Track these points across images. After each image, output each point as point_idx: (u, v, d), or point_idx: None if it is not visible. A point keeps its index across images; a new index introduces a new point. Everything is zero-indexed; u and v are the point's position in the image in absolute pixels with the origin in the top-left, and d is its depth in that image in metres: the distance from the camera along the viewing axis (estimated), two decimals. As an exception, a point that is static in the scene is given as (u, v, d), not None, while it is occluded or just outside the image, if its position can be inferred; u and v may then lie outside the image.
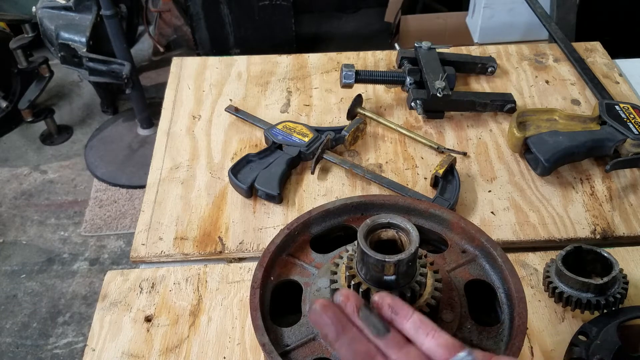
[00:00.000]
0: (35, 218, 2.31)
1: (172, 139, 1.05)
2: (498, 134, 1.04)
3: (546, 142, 0.93)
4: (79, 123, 2.76)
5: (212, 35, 2.67)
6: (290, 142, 0.98)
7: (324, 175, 0.97)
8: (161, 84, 2.75)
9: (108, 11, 2.11)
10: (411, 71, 1.07)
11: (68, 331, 1.94)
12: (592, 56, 1.23)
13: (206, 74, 1.20)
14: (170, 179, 0.98)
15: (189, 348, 0.74)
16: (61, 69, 2.47)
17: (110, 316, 0.78)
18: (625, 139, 0.93)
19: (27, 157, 2.59)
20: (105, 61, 2.18)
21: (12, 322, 1.97)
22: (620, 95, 1.12)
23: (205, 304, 0.79)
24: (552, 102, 1.11)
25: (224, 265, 0.84)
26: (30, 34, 2.39)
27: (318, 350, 0.55)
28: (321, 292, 0.60)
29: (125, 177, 2.43)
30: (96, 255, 2.18)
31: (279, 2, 2.61)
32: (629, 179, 0.96)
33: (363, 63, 1.22)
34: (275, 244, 0.63)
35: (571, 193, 0.94)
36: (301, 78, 1.18)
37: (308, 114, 1.10)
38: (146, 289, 0.81)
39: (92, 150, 2.58)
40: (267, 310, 0.60)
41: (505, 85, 1.15)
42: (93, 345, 0.75)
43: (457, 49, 1.23)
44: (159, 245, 0.87)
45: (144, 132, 2.60)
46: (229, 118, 1.09)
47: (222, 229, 0.89)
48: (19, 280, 2.09)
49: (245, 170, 0.94)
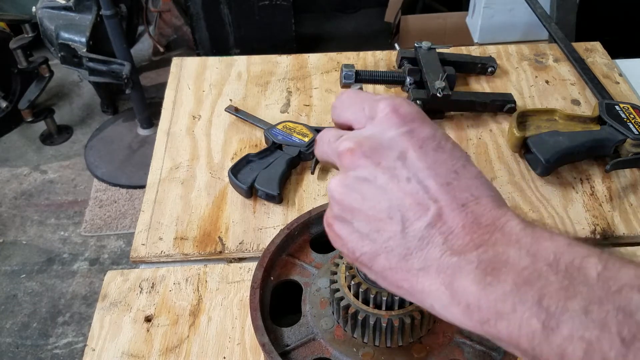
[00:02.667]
0: (35, 218, 2.32)
1: (172, 139, 1.05)
2: (498, 134, 1.04)
3: (546, 142, 0.93)
4: (79, 123, 2.76)
5: (212, 35, 2.68)
6: (290, 142, 0.98)
7: (324, 175, 0.97)
8: (161, 84, 2.75)
9: (108, 11, 2.12)
10: (411, 71, 1.07)
11: (68, 331, 1.94)
12: (592, 56, 1.23)
13: (206, 74, 1.20)
14: (170, 179, 0.98)
15: (189, 348, 0.74)
16: (61, 69, 2.47)
17: (110, 316, 0.78)
18: (625, 139, 0.93)
19: (27, 157, 2.59)
20: (105, 61, 2.19)
21: (12, 322, 1.97)
22: (620, 96, 1.12)
23: (205, 304, 0.79)
24: (552, 102, 1.11)
25: (224, 265, 0.84)
26: (30, 34, 2.39)
27: (318, 350, 0.56)
28: (321, 292, 0.60)
29: (125, 177, 2.43)
30: (96, 255, 2.18)
31: (279, 2, 2.61)
32: (629, 179, 0.96)
33: (363, 63, 1.22)
34: (275, 244, 0.63)
35: (571, 193, 0.94)
36: (301, 78, 1.18)
37: (308, 114, 1.10)
38: (146, 289, 0.81)
39: (92, 150, 2.58)
40: (267, 311, 0.60)
41: (505, 85, 1.15)
42: (93, 345, 0.75)
43: (457, 49, 1.23)
44: (159, 245, 0.87)
45: (144, 132, 2.60)
46: (229, 118, 1.09)
47: (222, 229, 0.89)
48: (19, 280, 2.09)
49: (245, 170, 0.94)
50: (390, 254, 0.39)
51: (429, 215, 0.38)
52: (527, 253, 0.35)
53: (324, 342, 0.56)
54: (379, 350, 0.54)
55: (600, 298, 0.31)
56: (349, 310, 0.53)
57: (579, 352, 0.31)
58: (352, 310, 0.52)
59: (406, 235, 0.38)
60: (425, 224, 0.38)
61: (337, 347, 0.55)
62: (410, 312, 0.52)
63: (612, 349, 0.30)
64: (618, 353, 0.30)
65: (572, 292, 0.32)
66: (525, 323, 0.33)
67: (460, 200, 0.38)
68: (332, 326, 0.57)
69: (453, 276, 0.36)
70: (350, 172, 0.40)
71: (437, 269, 0.37)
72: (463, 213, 0.38)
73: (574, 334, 0.31)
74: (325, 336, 0.56)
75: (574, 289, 0.32)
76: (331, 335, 0.56)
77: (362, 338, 0.54)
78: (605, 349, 0.30)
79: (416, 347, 0.55)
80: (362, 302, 0.52)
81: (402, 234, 0.38)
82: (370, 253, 0.40)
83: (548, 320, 0.32)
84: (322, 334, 0.56)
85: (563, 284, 0.33)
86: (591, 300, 0.31)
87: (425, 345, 0.55)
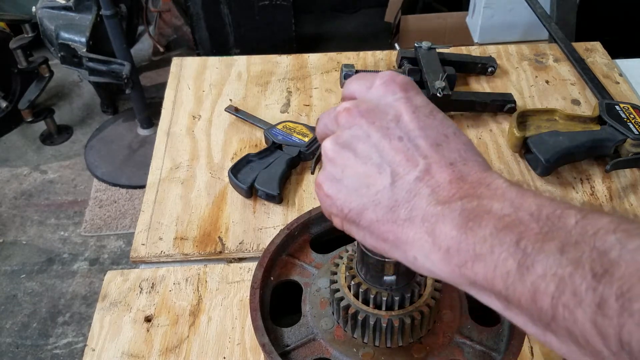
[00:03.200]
0: (35, 218, 2.31)
1: (172, 139, 1.05)
2: (498, 134, 1.04)
3: (546, 142, 0.93)
4: (79, 123, 2.76)
5: (212, 35, 2.67)
6: (290, 142, 0.98)
7: (324, 175, 0.97)
8: (161, 84, 2.75)
9: (108, 11, 2.12)
10: (411, 71, 1.07)
11: (68, 331, 1.94)
12: (592, 56, 1.23)
13: (206, 74, 1.20)
14: (170, 179, 0.98)
15: (189, 348, 0.74)
16: (61, 69, 2.47)
17: (110, 316, 0.78)
18: (626, 139, 0.93)
19: (27, 157, 2.59)
20: (105, 61, 2.19)
21: (12, 322, 1.97)
22: (620, 95, 1.12)
23: (205, 304, 0.79)
24: (552, 102, 1.11)
25: (224, 265, 0.84)
26: (30, 34, 2.39)
27: (318, 351, 0.55)
28: (321, 292, 0.60)
29: (125, 177, 2.43)
30: (96, 255, 2.18)
31: (279, 2, 2.61)
32: (629, 179, 0.96)
33: (363, 63, 1.22)
34: (275, 244, 0.63)
35: (571, 193, 0.94)
36: (301, 78, 1.18)
37: (308, 114, 1.10)
38: (146, 289, 0.81)
39: (92, 150, 2.58)
40: (267, 311, 0.60)
41: (505, 85, 1.15)
42: (93, 346, 0.75)
43: (457, 49, 1.23)
44: (159, 245, 0.87)
45: (144, 132, 2.60)
46: (229, 118, 1.09)
47: (222, 229, 0.89)
48: (19, 280, 2.09)
49: (245, 170, 0.94)
50: (377, 206, 0.40)
51: (418, 170, 0.39)
52: (510, 204, 0.36)
53: (324, 342, 0.56)
54: (379, 351, 0.54)
55: (577, 241, 0.32)
56: (349, 310, 0.53)
57: (551, 287, 0.31)
58: (352, 311, 0.52)
59: (394, 188, 0.39)
60: (413, 178, 0.39)
61: (337, 348, 0.55)
62: (410, 313, 0.52)
63: (583, 282, 0.30)
64: (589, 286, 0.30)
65: (550, 236, 0.33)
66: (501, 264, 0.34)
67: (449, 159, 0.40)
68: (332, 326, 0.56)
69: (436, 223, 0.37)
70: (345, 131, 0.43)
71: (422, 218, 0.38)
72: (450, 169, 0.39)
73: (547, 272, 0.32)
74: (325, 336, 0.56)
75: (552, 234, 0.33)
76: (331, 336, 0.56)
77: (362, 338, 0.54)
78: (576, 283, 0.31)
79: (416, 347, 0.55)
80: (362, 303, 0.52)
81: (391, 186, 0.40)
82: (358, 208, 0.41)
83: (524, 259, 0.33)
84: (322, 334, 0.56)
85: (543, 230, 0.33)
86: (568, 242, 0.32)
87: (425, 346, 0.55)
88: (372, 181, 0.40)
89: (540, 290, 0.32)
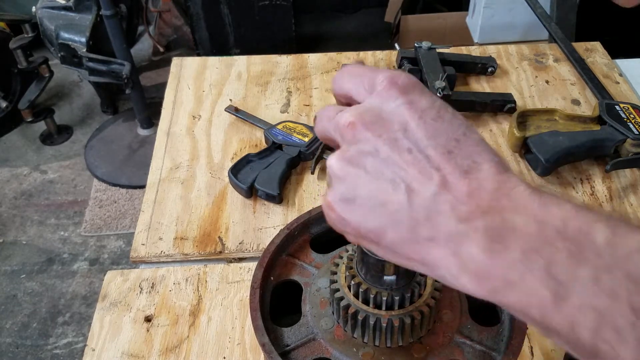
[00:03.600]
0: (35, 218, 2.32)
1: (172, 139, 1.05)
2: (498, 134, 1.04)
3: (546, 142, 0.93)
4: (79, 123, 2.76)
5: (212, 35, 2.67)
6: (290, 142, 0.98)
7: (324, 175, 0.97)
8: (161, 84, 2.75)
9: (108, 11, 2.12)
10: (411, 71, 1.07)
11: (68, 331, 1.94)
12: (592, 56, 1.23)
13: (206, 74, 1.20)
14: (170, 179, 0.98)
15: (189, 348, 0.74)
16: (61, 69, 2.47)
17: (110, 316, 0.78)
18: (626, 139, 0.93)
19: (27, 157, 2.59)
20: (105, 61, 2.19)
21: (12, 322, 1.97)
22: (620, 95, 1.12)
23: (205, 304, 0.79)
24: (552, 102, 1.11)
25: (224, 265, 0.84)
26: (30, 34, 2.39)
27: (318, 351, 0.55)
28: (321, 292, 0.60)
29: (125, 177, 2.43)
30: (96, 255, 2.18)
31: (279, 2, 2.61)
32: (629, 179, 0.96)
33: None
34: (275, 244, 0.63)
35: (571, 193, 0.94)
36: (301, 78, 1.18)
37: (308, 114, 1.10)
38: (146, 289, 0.81)
39: (92, 150, 2.58)
40: (267, 311, 0.60)
41: (505, 85, 1.15)
42: (93, 345, 0.75)
43: (457, 49, 1.23)
44: (159, 245, 0.87)
45: (144, 132, 2.60)
46: (229, 118, 1.09)
47: (222, 229, 0.89)
48: (19, 280, 2.09)
49: (245, 170, 0.94)
50: (398, 227, 0.38)
51: (433, 184, 0.37)
52: (534, 219, 0.34)
53: (324, 342, 0.56)
54: (379, 350, 0.54)
55: (609, 265, 0.31)
56: (349, 310, 0.53)
57: (590, 322, 0.31)
58: (352, 310, 0.52)
59: (412, 206, 0.37)
60: (430, 193, 0.37)
61: (337, 347, 0.55)
62: (410, 312, 0.52)
63: (622, 317, 0.30)
64: (628, 321, 0.29)
65: (581, 260, 0.32)
66: (534, 292, 0.33)
67: (463, 167, 0.38)
68: (332, 326, 0.56)
69: (460, 244, 0.36)
70: (352, 147, 0.40)
71: (445, 237, 0.36)
72: (467, 179, 0.37)
73: (584, 304, 0.31)
74: (325, 336, 0.56)
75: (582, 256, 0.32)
76: (331, 335, 0.56)
77: (362, 338, 0.54)
78: (616, 318, 0.30)
79: (416, 347, 0.55)
80: (362, 302, 0.52)
81: (408, 204, 0.37)
82: (376, 229, 0.39)
83: (557, 289, 0.32)
84: (322, 334, 0.56)
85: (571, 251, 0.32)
86: (600, 267, 0.31)
87: (425, 345, 0.55)
88: (387, 199, 0.38)
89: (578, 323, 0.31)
